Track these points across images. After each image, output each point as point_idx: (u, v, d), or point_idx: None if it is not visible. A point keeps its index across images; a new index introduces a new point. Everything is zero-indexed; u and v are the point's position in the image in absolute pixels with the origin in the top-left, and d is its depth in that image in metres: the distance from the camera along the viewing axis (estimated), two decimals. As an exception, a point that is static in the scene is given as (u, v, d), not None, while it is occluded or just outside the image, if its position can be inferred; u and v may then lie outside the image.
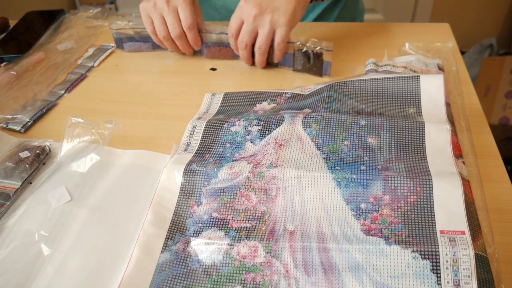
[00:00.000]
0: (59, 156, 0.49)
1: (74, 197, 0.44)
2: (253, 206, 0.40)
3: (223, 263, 0.37)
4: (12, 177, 0.46)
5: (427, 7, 1.89)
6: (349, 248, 0.35)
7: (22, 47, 0.72)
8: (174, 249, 0.39)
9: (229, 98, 0.56)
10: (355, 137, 0.44)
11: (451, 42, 0.64)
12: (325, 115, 0.46)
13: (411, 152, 0.42)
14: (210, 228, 0.40)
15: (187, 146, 0.48)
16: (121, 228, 0.41)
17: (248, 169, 0.42)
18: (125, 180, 0.46)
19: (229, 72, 0.65)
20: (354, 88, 0.51)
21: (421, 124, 0.44)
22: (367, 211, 0.38)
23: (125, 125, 0.55)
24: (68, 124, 0.53)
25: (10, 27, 0.81)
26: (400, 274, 0.33)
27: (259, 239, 0.38)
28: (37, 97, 0.61)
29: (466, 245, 0.33)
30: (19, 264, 0.38)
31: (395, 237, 0.35)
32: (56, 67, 0.68)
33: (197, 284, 0.36)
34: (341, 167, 0.41)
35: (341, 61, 0.65)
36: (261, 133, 0.47)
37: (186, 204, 0.42)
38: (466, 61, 1.81)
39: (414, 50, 0.63)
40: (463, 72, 0.59)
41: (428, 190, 0.37)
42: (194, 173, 0.43)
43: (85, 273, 0.38)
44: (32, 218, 0.42)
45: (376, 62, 0.57)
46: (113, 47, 0.73)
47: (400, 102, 0.48)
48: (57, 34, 0.78)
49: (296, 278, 0.35)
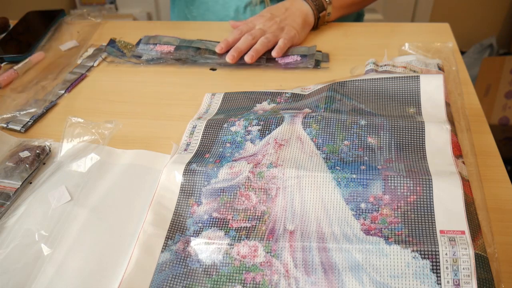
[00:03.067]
0: (59, 156, 0.49)
1: (74, 197, 0.44)
2: (253, 206, 0.40)
3: (223, 263, 0.37)
4: (12, 177, 0.46)
5: (427, 7, 1.89)
6: (349, 248, 0.36)
7: (22, 47, 0.72)
8: (174, 249, 0.39)
9: (229, 98, 0.56)
10: (355, 137, 0.44)
11: (451, 42, 0.64)
12: (325, 115, 0.46)
13: (411, 152, 0.42)
14: (210, 228, 0.40)
15: (187, 146, 0.48)
16: (121, 228, 0.41)
17: (248, 169, 0.42)
18: (125, 180, 0.46)
19: (229, 72, 0.65)
20: (354, 88, 0.51)
21: (421, 124, 0.44)
22: (367, 211, 0.38)
23: (125, 125, 0.55)
24: (68, 124, 0.53)
25: (10, 27, 0.81)
26: (400, 274, 0.33)
27: (259, 239, 0.38)
28: (38, 97, 0.61)
29: (466, 245, 0.33)
30: (19, 264, 0.38)
31: (395, 237, 0.35)
32: (56, 66, 0.68)
33: (197, 284, 0.36)
34: (341, 167, 0.41)
35: (341, 61, 0.65)
36: (261, 133, 0.47)
37: (186, 204, 0.42)
38: (466, 61, 1.81)
39: (414, 50, 0.63)
40: (463, 72, 0.59)
41: (428, 190, 0.37)
42: (194, 173, 0.43)
43: (85, 273, 0.38)
44: (32, 218, 0.42)
45: (376, 62, 0.57)
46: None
47: (400, 102, 0.48)
48: (58, 34, 0.78)
49: (296, 278, 0.35)
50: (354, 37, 0.71)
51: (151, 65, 0.68)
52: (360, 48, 0.68)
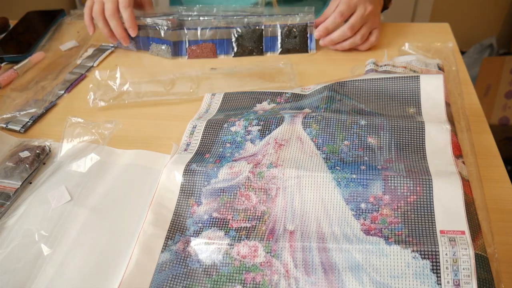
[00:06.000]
0: (59, 156, 0.49)
1: (74, 197, 0.44)
2: (253, 206, 0.40)
3: (223, 263, 0.37)
4: (12, 177, 0.46)
5: (427, 7, 1.89)
6: (349, 248, 0.35)
7: (22, 47, 0.72)
8: (174, 249, 0.39)
9: (229, 98, 0.56)
10: (355, 137, 0.44)
11: (451, 42, 0.64)
12: (325, 115, 0.46)
13: (411, 152, 0.42)
14: (210, 228, 0.40)
15: (187, 146, 0.48)
16: (121, 228, 0.41)
17: (248, 169, 0.42)
18: (125, 180, 0.46)
19: (229, 72, 0.65)
20: (354, 88, 0.51)
21: (421, 124, 0.44)
22: (367, 211, 0.38)
23: (125, 125, 0.55)
24: (68, 124, 0.53)
25: (10, 27, 0.81)
26: (400, 274, 0.33)
27: (259, 239, 0.38)
28: (37, 97, 0.61)
29: (466, 245, 0.33)
30: (19, 264, 0.38)
31: (395, 237, 0.35)
32: (56, 66, 0.68)
33: (197, 284, 0.36)
34: (341, 167, 0.41)
35: (341, 61, 0.65)
36: (261, 133, 0.47)
37: (186, 204, 0.42)
38: (466, 61, 1.81)
39: (414, 50, 0.63)
40: (463, 72, 0.59)
41: (428, 190, 0.37)
42: (194, 173, 0.43)
43: (85, 273, 0.38)
44: (32, 218, 0.42)
45: (376, 62, 0.57)
46: (113, 47, 0.73)
47: (400, 102, 0.48)
48: (58, 34, 0.78)
49: (296, 278, 0.35)
50: (354, 37, 0.71)
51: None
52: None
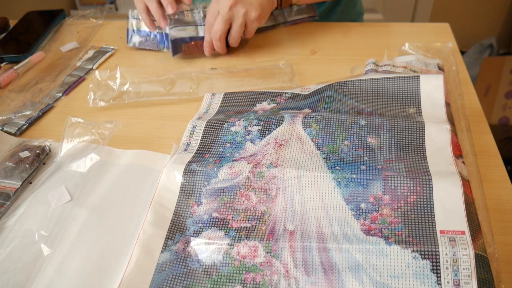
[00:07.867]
0: (59, 156, 0.49)
1: (74, 197, 0.44)
2: (253, 206, 0.40)
3: (223, 263, 0.37)
4: (12, 177, 0.46)
5: (427, 7, 1.89)
6: (349, 248, 0.35)
7: (22, 47, 0.72)
8: (174, 249, 0.39)
9: (229, 98, 0.56)
10: (355, 137, 0.44)
11: (451, 42, 0.64)
12: (325, 115, 0.46)
13: (411, 152, 0.42)
14: (210, 228, 0.40)
15: (187, 146, 0.48)
16: (121, 228, 0.41)
17: (248, 169, 0.42)
18: (125, 180, 0.46)
19: (229, 72, 0.65)
20: (354, 88, 0.51)
21: (421, 124, 0.44)
22: (367, 211, 0.38)
23: (125, 125, 0.55)
24: (68, 124, 0.53)
25: (10, 27, 0.81)
26: (400, 274, 0.33)
27: (259, 239, 0.38)
28: (34, 99, 0.60)
29: (466, 245, 0.33)
30: (19, 264, 0.38)
31: (395, 237, 0.35)
32: (55, 67, 0.68)
33: (197, 284, 0.36)
34: (341, 167, 0.41)
35: (341, 61, 0.65)
36: (261, 133, 0.47)
37: (186, 204, 0.42)
38: (466, 61, 1.81)
39: (414, 50, 0.63)
40: (463, 72, 0.59)
41: (428, 190, 0.37)
42: (194, 173, 0.43)
43: (85, 273, 0.38)
44: (32, 218, 0.42)
45: (376, 62, 0.57)
46: (113, 50, 0.73)
47: (400, 102, 0.48)
48: (58, 34, 0.78)
49: (296, 278, 0.35)
50: (354, 37, 0.71)
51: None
52: (360, 48, 0.68)
